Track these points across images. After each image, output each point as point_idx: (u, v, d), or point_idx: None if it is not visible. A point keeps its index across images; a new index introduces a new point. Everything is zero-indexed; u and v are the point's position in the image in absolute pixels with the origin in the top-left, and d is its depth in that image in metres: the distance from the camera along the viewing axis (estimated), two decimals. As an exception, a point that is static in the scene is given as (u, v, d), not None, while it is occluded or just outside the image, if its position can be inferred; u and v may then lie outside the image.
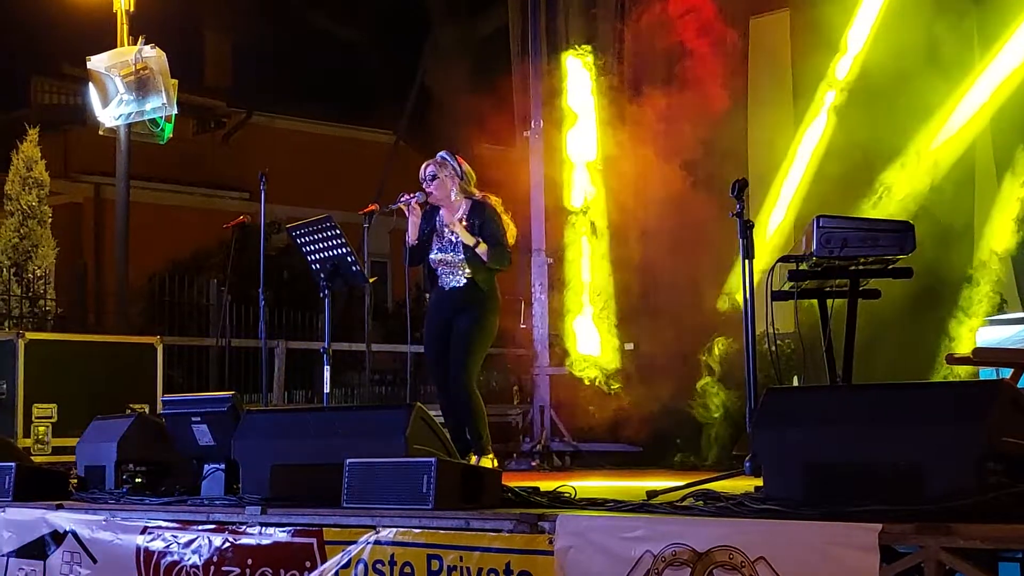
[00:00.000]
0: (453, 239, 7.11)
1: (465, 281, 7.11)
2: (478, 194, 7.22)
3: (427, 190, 7.12)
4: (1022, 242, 8.95)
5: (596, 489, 5.87)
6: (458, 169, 7.15)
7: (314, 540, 4.66)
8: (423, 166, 7.20)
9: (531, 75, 10.80)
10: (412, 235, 7.18)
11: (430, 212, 7.24)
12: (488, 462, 6.95)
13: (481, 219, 7.08)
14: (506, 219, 7.21)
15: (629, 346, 10.50)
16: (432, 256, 7.19)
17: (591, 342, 10.37)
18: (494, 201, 7.22)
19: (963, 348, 8.28)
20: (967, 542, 3.40)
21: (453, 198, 7.14)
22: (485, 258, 7.02)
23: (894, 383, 4.36)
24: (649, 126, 10.17)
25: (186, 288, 13.65)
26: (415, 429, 4.86)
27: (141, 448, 5.94)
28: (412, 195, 7.13)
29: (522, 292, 11.01)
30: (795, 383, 7.69)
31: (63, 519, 5.56)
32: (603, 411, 10.10)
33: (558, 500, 4.68)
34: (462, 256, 7.07)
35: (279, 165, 15.89)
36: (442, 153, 7.23)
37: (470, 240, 7.03)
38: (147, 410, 8.65)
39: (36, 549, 5.60)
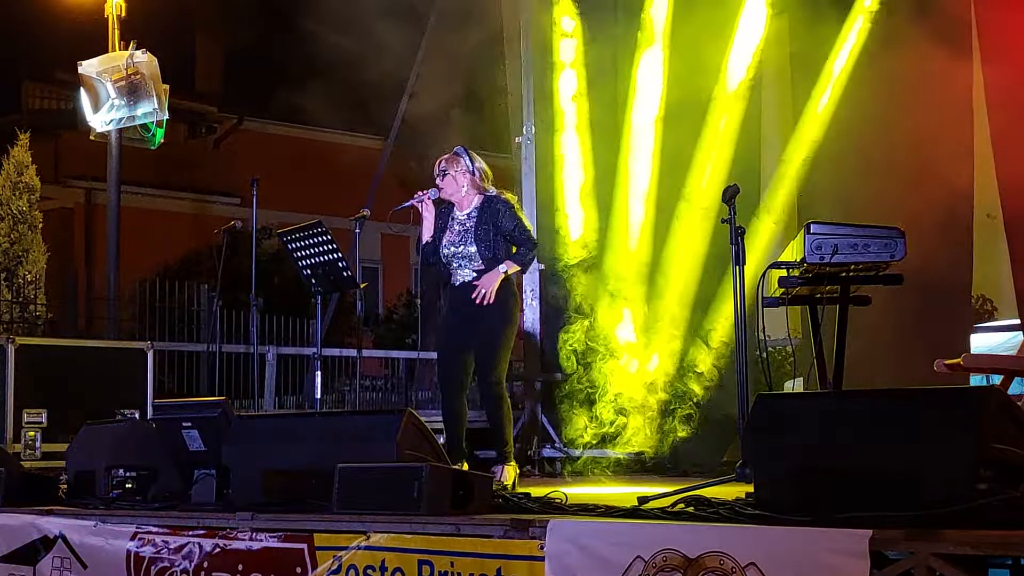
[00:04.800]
0: (462, 230, 6.92)
1: (478, 274, 6.86)
2: (492, 191, 7.00)
3: (438, 185, 6.96)
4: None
5: (587, 495, 5.87)
6: (471, 165, 6.94)
7: (305, 545, 4.66)
8: (436, 161, 7.04)
9: (523, 78, 10.81)
10: (427, 232, 7.01)
11: (444, 208, 7.07)
12: (512, 471, 6.72)
13: (493, 217, 6.87)
14: (521, 216, 7.01)
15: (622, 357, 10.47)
16: (444, 251, 6.95)
17: (583, 347, 10.35)
18: (509, 198, 7.00)
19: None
20: (957, 548, 3.40)
21: (464, 194, 6.94)
22: (524, 270, 6.77)
23: (885, 389, 4.36)
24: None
25: (177, 293, 13.60)
26: (406, 434, 4.86)
27: (131, 453, 5.91)
28: (425, 192, 6.97)
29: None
30: (792, 387, 7.70)
31: (53, 524, 5.55)
32: (595, 418, 10.08)
33: (549, 506, 4.69)
34: (474, 248, 6.86)
35: (270, 170, 15.94)
36: (458, 148, 7.03)
37: (502, 272, 6.78)
38: (137, 415, 8.61)
39: (26, 554, 5.59)
